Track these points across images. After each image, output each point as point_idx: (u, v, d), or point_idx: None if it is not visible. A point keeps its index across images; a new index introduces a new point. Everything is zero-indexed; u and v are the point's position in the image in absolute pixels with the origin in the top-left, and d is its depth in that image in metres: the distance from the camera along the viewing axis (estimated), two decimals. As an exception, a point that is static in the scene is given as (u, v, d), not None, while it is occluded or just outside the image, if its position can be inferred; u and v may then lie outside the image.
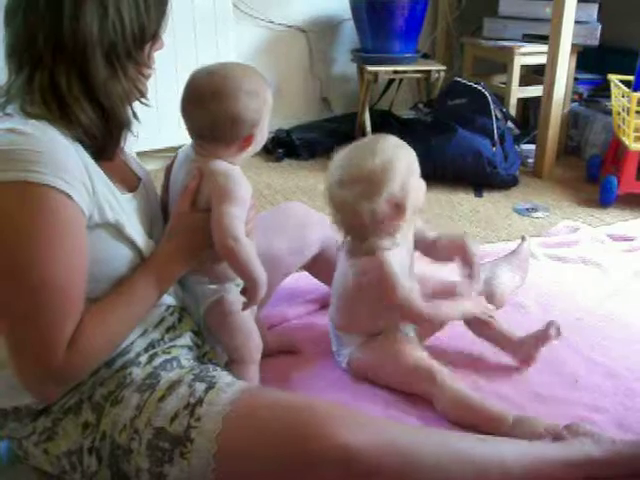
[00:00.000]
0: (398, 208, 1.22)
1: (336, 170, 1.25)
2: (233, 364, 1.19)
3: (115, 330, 1.00)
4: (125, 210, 1.02)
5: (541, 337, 1.36)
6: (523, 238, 1.75)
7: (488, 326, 1.39)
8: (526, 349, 1.37)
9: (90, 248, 0.95)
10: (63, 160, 0.90)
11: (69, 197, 0.90)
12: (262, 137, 1.15)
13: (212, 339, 1.20)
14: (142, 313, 1.04)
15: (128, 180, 1.10)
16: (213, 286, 1.17)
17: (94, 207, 0.95)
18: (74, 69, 0.93)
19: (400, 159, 1.23)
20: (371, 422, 1.01)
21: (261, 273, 1.06)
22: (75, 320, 0.93)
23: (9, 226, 0.89)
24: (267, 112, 1.13)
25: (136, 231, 1.03)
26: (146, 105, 1.05)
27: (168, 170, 1.19)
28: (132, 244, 1.02)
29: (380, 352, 1.30)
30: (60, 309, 0.91)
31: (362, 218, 1.21)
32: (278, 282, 1.47)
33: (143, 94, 1.03)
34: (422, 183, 1.27)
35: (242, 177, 1.11)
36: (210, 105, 1.08)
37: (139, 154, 1.27)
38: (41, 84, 0.92)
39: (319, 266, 1.52)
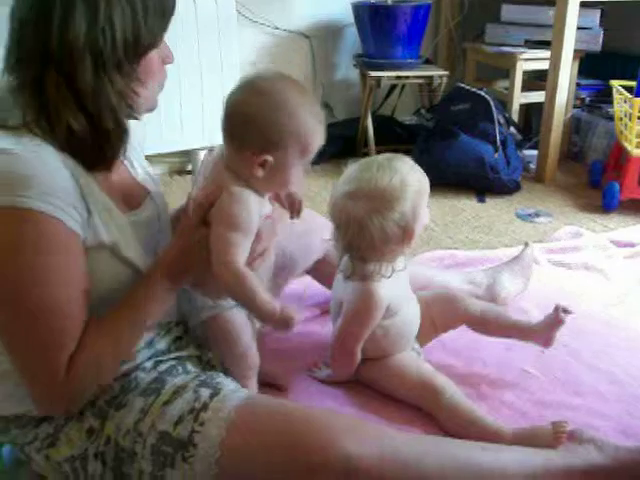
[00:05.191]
0: (406, 232, 1.18)
1: (347, 183, 1.19)
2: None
3: (118, 346, 0.99)
4: (124, 230, 0.99)
5: (554, 323, 1.34)
6: (526, 244, 1.75)
7: (497, 323, 1.38)
8: (543, 334, 1.35)
9: (88, 270, 0.94)
10: (53, 183, 0.88)
11: (58, 220, 0.88)
12: (284, 174, 1.03)
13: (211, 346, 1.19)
14: (143, 326, 1.02)
15: (134, 196, 1.08)
16: (210, 302, 1.14)
17: (88, 229, 0.93)
18: (62, 75, 0.89)
19: (415, 182, 1.19)
20: (373, 431, 1.01)
21: (260, 302, 0.98)
22: (75, 339, 0.92)
23: None
24: (295, 151, 1.01)
25: (135, 251, 1.00)
26: (136, 119, 1.00)
27: (194, 180, 1.14)
28: (130, 265, 1.00)
29: (386, 366, 1.30)
30: (56, 330, 0.91)
31: (369, 235, 1.17)
32: (282, 287, 1.47)
33: (133, 109, 0.98)
34: (427, 213, 1.23)
35: (251, 204, 1.02)
36: (250, 98, 1.00)
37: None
38: (32, 90, 0.90)
39: (322, 271, 1.51)
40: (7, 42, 0.92)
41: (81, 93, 0.90)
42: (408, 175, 1.18)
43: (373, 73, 2.79)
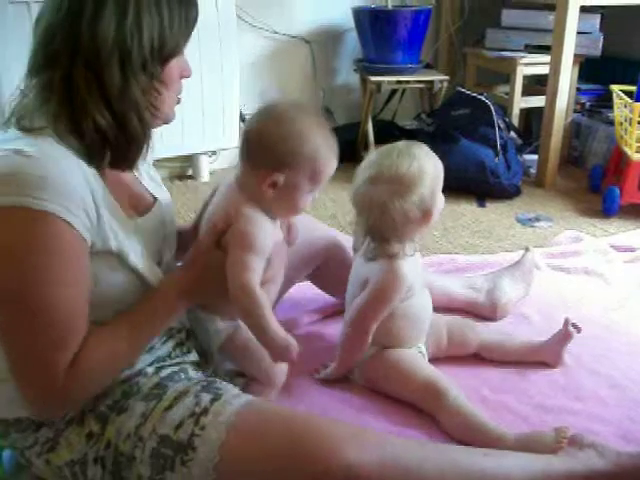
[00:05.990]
0: (426, 214, 1.24)
1: (369, 168, 1.25)
2: (254, 384, 1.19)
3: (119, 353, 0.99)
4: (131, 237, 0.99)
5: (563, 337, 1.40)
6: (527, 249, 1.74)
7: (506, 350, 1.44)
8: (552, 352, 1.41)
9: (92, 275, 0.94)
10: (66, 186, 0.88)
11: (69, 224, 0.88)
12: (293, 197, 1.08)
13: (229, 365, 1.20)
14: (147, 338, 1.03)
15: (142, 201, 1.09)
16: (224, 323, 1.16)
17: (97, 234, 0.93)
18: (91, 72, 0.90)
19: (431, 168, 1.25)
20: (374, 439, 1.00)
21: (273, 332, 1.02)
22: (76, 342, 0.92)
23: (7, 250, 0.88)
24: (306, 175, 1.07)
25: (140, 259, 1.01)
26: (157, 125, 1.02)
27: (206, 201, 1.17)
28: (136, 272, 1.00)
29: (390, 365, 1.30)
30: (59, 333, 0.91)
31: (391, 217, 1.22)
32: (282, 293, 1.47)
33: (158, 110, 0.99)
34: (442, 197, 1.29)
35: (266, 226, 1.06)
36: (268, 120, 1.07)
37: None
38: (61, 87, 0.90)
39: (322, 276, 1.52)
40: (33, 44, 0.93)
41: (108, 91, 0.91)
42: (425, 162, 1.25)
43: (373, 78, 2.80)
